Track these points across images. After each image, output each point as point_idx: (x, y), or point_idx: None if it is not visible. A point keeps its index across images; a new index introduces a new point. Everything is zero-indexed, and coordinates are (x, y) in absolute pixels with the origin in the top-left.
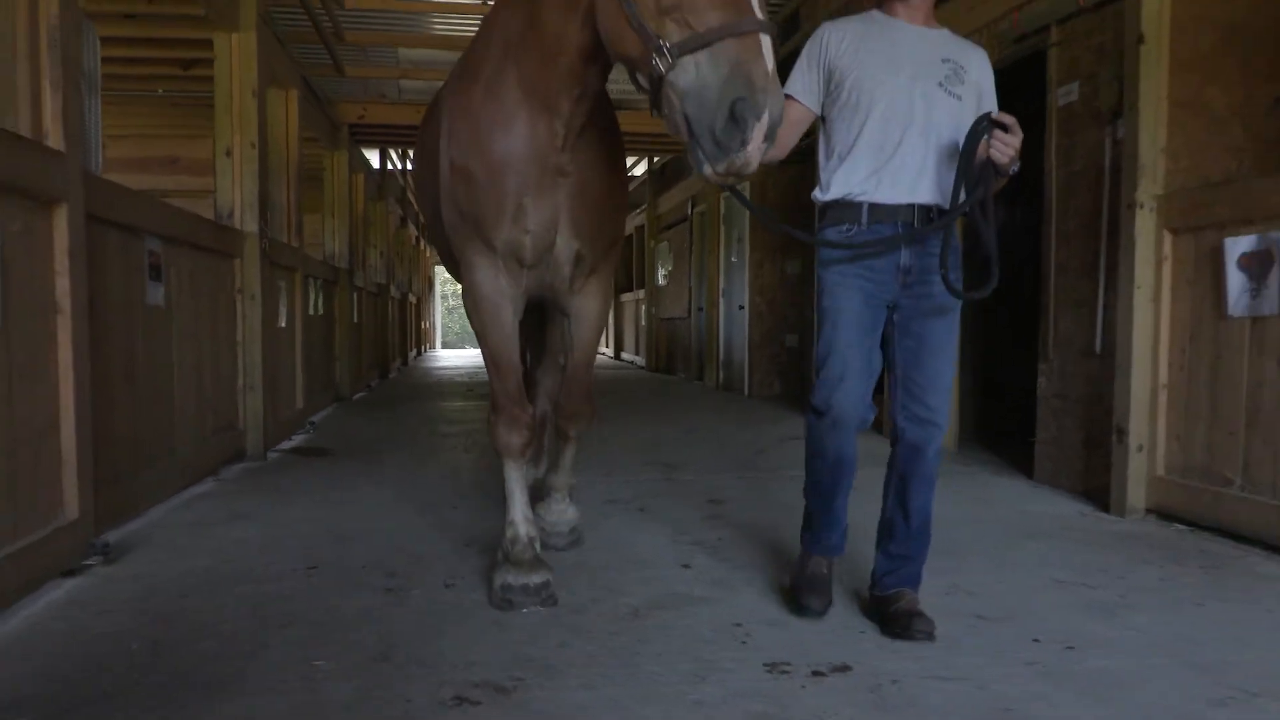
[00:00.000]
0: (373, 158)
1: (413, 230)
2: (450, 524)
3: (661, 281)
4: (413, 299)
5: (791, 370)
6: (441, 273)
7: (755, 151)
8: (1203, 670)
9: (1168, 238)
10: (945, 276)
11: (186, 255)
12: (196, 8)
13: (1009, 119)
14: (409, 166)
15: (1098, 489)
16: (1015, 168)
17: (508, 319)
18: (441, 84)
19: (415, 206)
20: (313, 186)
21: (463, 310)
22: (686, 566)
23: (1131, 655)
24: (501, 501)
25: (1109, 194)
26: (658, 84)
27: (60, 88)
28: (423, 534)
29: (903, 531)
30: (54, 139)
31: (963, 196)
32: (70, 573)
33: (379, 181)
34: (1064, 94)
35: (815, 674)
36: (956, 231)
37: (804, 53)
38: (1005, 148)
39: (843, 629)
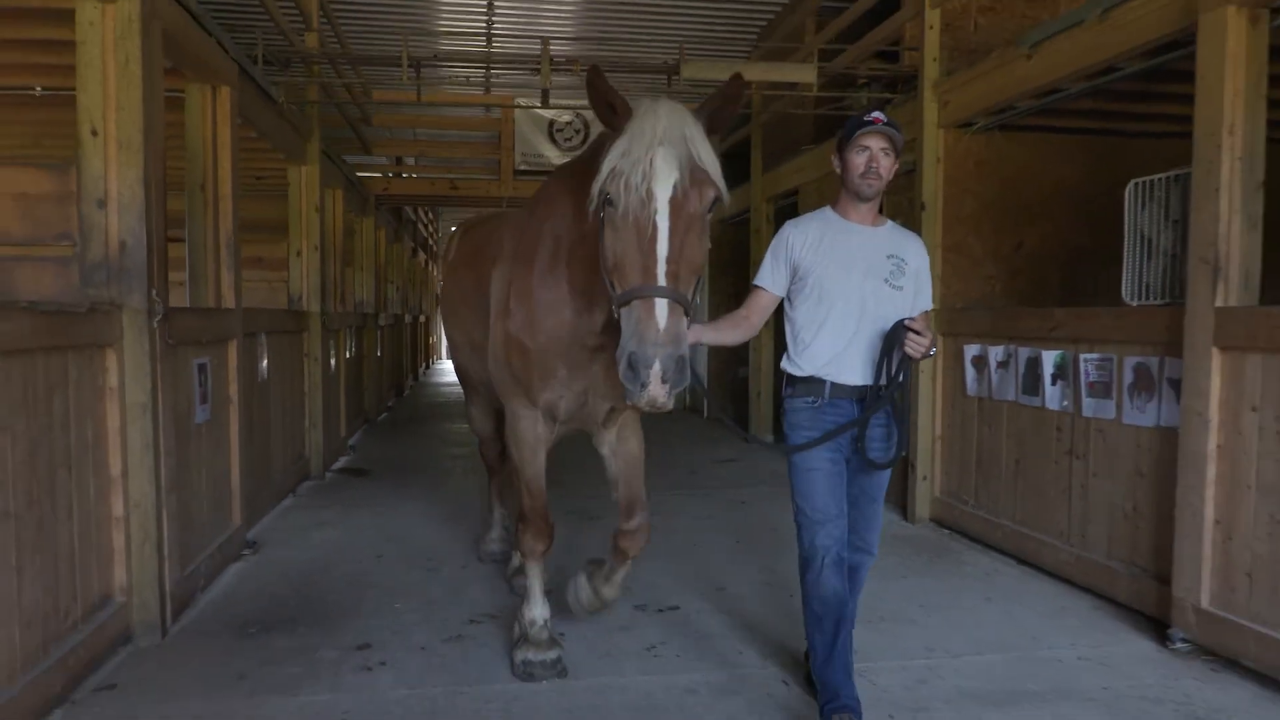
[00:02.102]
0: None
1: (423, 256)
2: (464, 529)
3: None
4: (422, 319)
5: (742, 397)
6: None
7: (658, 391)
8: (866, 609)
9: (940, 340)
10: (863, 451)
11: (277, 338)
12: (280, 154)
13: (919, 324)
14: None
15: (905, 504)
16: (933, 351)
17: (541, 458)
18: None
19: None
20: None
21: None
22: None
23: None
24: (488, 514)
25: None
26: None
27: (231, 269)
28: (447, 536)
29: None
30: (227, 301)
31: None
32: (237, 559)
33: (397, 226)
34: None
35: (659, 611)
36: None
37: (771, 249)
38: (916, 346)
39: (685, 588)
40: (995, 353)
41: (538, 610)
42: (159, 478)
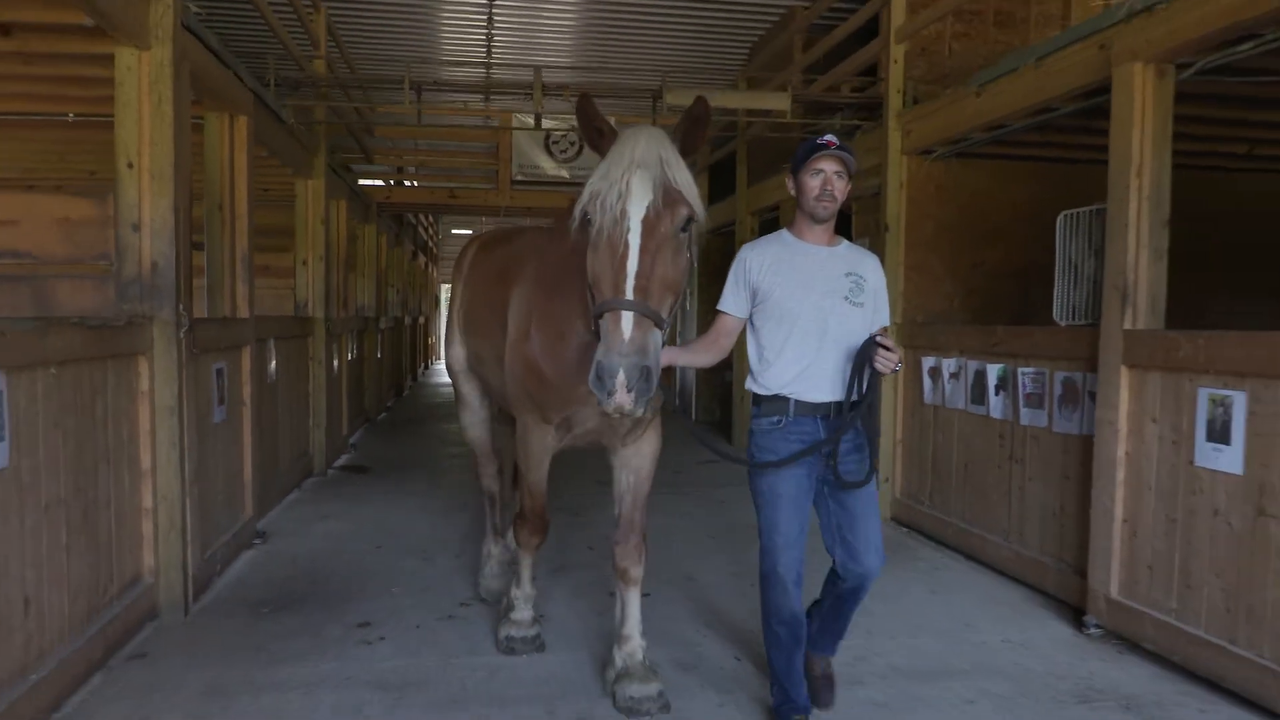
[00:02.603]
0: None
1: (423, 259)
2: (457, 523)
3: None
4: (421, 320)
5: (727, 400)
6: (447, 288)
7: (624, 399)
8: None
9: (902, 352)
10: (835, 469)
11: (285, 342)
12: (288, 169)
13: (888, 341)
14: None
15: None
16: (898, 367)
17: (545, 466)
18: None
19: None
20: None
21: None
22: (591, 548)
23: None
24: (482, 508)
25: None
26: None
27: (246, 282)
28: (440, 529)
29: (831, 630)
30: (241, 311)
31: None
32: (249, 547)
33: (398, 231)
34: (860, 243)
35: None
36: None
37: (731, 274)
38: (885, 361)
39: (658, 578)
40: (948, 365)
41: (523, 592)
42: (183, 473)
